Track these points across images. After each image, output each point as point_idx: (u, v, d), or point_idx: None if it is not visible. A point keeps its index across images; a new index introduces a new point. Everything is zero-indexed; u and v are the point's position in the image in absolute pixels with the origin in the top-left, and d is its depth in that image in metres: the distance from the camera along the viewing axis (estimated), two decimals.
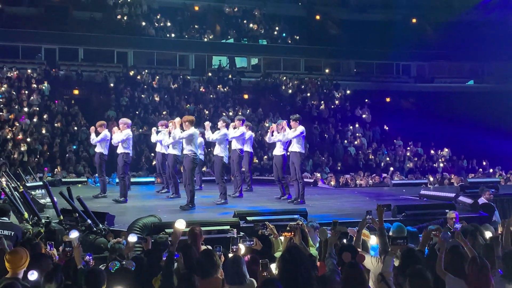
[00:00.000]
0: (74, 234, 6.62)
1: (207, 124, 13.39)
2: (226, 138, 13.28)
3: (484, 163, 27.04)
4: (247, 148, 14.69)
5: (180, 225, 6.36)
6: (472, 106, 31.46)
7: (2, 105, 25.35)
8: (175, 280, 5.69)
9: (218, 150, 13.09)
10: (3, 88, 26.65)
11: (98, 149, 14.06)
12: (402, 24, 37.80)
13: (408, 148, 28.85)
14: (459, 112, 29.86)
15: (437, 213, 10.53)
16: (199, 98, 30.22)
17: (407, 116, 31.36)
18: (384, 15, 38.43)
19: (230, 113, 28.48)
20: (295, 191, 12.85)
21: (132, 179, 17.40)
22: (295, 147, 12.65)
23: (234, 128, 13.96)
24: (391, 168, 25.02)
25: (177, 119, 12.83)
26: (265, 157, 25.48)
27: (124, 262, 6.46)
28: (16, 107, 25.49)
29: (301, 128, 12.63)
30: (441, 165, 27.23)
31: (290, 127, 12.78)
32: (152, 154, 23.08)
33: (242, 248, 6.47)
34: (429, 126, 29.39)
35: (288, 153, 12.88)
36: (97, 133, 14.12)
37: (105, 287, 5.43)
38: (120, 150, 13.38)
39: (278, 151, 13.34)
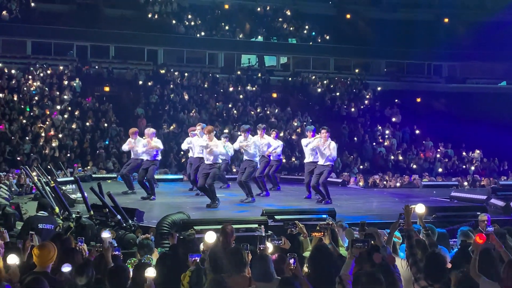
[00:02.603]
0: (105, 235, 6.62)
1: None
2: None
3: None
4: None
5: (211, 238, 6.23)
6: (505, 107, 30.94)
7: (34, 101, 25.76)
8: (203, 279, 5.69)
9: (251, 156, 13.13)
10: (35, 84, 27.06)
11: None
12: (434, 24, 37.35)
13: (439, 150, 28.47)
14: (491, 114, 29.34)
15: (468, 216, 10.36)
16: (228, 96, 30.27)
17: (438, 117, 30.95)
18: (415, 15, 38.01)
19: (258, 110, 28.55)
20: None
21: (161, 176, 17.53)
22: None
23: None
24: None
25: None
26: (293, 159, 25.41)
27: (143, 258, 6.50)
28: (48, 103, 25.86)
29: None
30: (473, 167, 26.83)
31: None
32: (182, 153, 23.13)
33: (269, 246, 6.44)
34: (460, 127, 28.91)
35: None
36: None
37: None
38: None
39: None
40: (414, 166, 26.25)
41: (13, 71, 28.08)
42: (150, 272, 5.11)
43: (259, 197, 13.54)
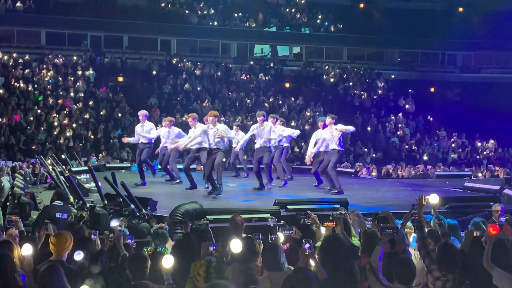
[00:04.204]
0: (114, 223, 6.70)
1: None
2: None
3: None
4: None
5: (237, 248, 5.79)
6: None
7: (48, 91, 25.94)
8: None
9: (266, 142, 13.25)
10: (50, 75, 27.23)
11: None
12: (448, 13, 37.05)
13: (452, 140, 28.33)
14: (505, 103, 29.08)
15: (482, 206, 10.32)
16: (241, 86, 30.29)
17: (452, 107, 30.79)
18: (429, 4, 37.71)
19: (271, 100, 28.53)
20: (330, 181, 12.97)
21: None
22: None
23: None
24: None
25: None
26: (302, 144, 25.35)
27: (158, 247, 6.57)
28: (62, 93, 26.03)
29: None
30: (486, 155, 26.69)
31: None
32: None
33: (281, 236, 6.47)
34: (475, 117, 28.76)
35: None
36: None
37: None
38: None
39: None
40: (425, 158, 26.10)
41: (27, 60, 28.28)
42: (168, 263, 5.22)
43: (272, 186, 13.58)
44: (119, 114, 25.82)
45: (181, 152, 14.76)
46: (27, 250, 5.73)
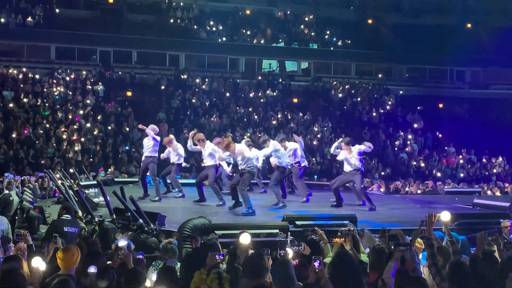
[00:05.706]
0: (122, 243, 6.68)
1: None
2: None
3: None
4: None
5: (245, 240, 6.29)
6: None
7: (58, 106, 26.06)
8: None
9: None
10: (59, 89, 27.38)
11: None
12: (457, 29, 37.09)
13: (461, 156, 28.21)
14: None
15: (491, 222, 10.28)
16: (249, 101, 30.34)
17: (461, 123, 30.71)
18: (438, 20, 37.77)
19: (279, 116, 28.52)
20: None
21: (182, 181, 17.56)
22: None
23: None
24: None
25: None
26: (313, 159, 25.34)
27: (168, 261, 6.56)
28: (71, 107, 26.14)
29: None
30: (495, 172, 26.55)
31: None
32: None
33: (290, 252, 6.44)
34: (483, 133, 28.65)
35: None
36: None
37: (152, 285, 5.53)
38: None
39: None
40: (439, 174, 25.95)
41: (37, 76, 28.47)
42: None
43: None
44: (127, 129, 25.89)
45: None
46: (37, 263, 5.72)
